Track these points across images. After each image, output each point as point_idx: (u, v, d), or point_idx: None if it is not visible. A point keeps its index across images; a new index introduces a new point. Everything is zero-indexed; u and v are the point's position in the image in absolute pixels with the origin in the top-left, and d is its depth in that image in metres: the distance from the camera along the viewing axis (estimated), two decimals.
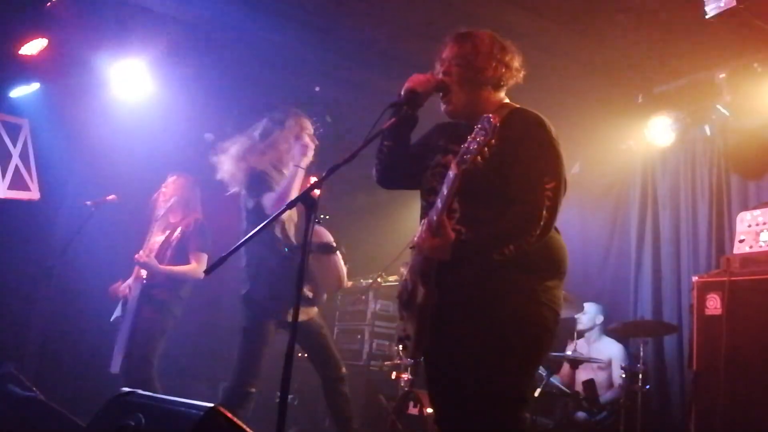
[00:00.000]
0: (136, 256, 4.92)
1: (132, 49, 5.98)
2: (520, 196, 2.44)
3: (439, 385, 2.65)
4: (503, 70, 2.69)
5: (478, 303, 2.46)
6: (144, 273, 4.96)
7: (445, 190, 2.36)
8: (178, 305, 5.08)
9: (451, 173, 2.33)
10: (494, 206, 2.45)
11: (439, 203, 2.38)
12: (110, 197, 5.40)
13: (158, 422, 2.10)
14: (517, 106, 2.70)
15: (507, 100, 2.75)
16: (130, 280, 5.13)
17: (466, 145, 2.29)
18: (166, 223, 5.29)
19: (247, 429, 1.95)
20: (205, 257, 5.04)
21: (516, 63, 2.74)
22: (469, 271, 2.45)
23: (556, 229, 2.60)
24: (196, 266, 5.00)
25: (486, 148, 2.25)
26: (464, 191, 2.39)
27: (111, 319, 5.17)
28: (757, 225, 4.49)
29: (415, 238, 2.51)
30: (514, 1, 5.04)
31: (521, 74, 2.76)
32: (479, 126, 2.27)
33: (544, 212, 2.42)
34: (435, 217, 2.37)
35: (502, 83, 2.71)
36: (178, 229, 5.16)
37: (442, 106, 2.72)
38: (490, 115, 2.28)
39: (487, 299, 2.44)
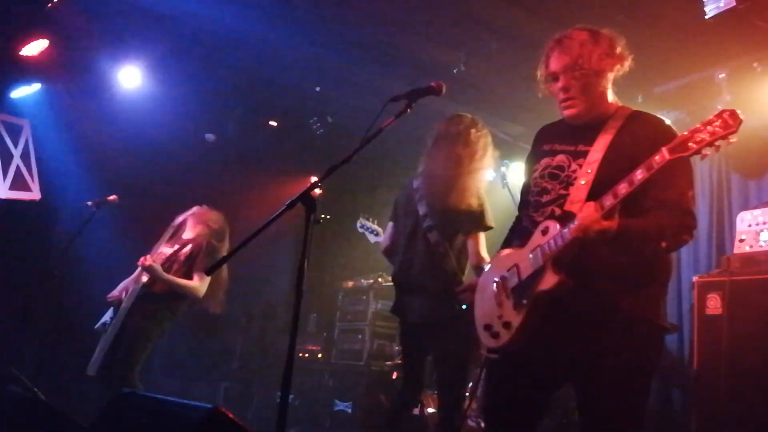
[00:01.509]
0: (142, 259, 4.83)
1: (132, 50, 5.99)
2: (669, 202, 2.35)
3: (521, 387, 2.48)
4: (619, 65, 2.59)
5: (605, 312, 2.35)
6: (144, 278, 4.85)
7: (640, 175, 2.18)
8: (168, 320, 4.94)
9: (659, 158, 2.16)
10: (630, 213, 2.30)
11: (624, 186, 2.21)
12: (111, 198, 5.39)
13: (159, 423, 2.10)
14: (635, 110, 2.60)
15: (616, 99, 2.64)
16: (126, 282, 5.03)
17: (687, 133, 2.15)
18: (178, 237, 5.19)
19: (249, 429, 1.95)
20: (208, 280, 4.92)
21: (626, 53, 2.63)
22: (607, 267, 2.35)
23: None
24: (198, 285, 4.89)
25: (718, 143, 2.12)
26: (603, 187, 2.28)
27: (95, 326, 5.03)
28: (758, 225, 4.49)
29: (552, 223, 2.39)
30: (514, 2, 5.05)
31: (630, 61, 2.64)
32: (717, 119, 2.13)
33: (695, 222, 2.39)
34: (611, 200, 2.23)
35: (613, 80, 2.61)
36: (188, 246, 5.04)
37: (564, 112, 2.59)
38: (736, 109, 2.14)
39: (615, 311, 2.35)
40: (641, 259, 2.37)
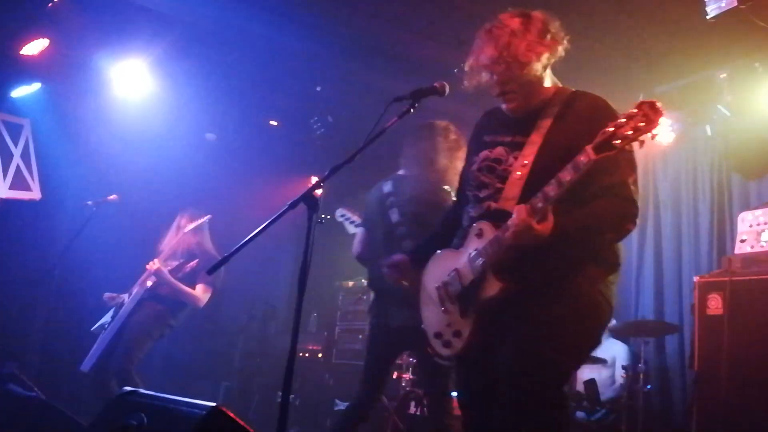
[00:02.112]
0: (150, 263, 4.96)
1: (133, 50, 5.98)
2: (611, 189, 2.31)
3: (481, 384, 2.47)
4: (549, 53, 2.51)
5: (547, 293, 2.32)
6: (149, 282, 4.98)
7: (568, 176, 2.15)
8: (168, 325, 5.08)
9: (584, 159, 2.12)
10: (573, 201, 2.26)
11: (553, 188, 2.18)
12: (111, 197, 5.40)
13: (160, 421, 2.09)
14: (572, 89, 2.56)
15: (555, 80, 2.60)
16: (133, 289, 5.14)
17: (611, 128, 2.08)
18: (184, 249, 5.28)
19: (250, 428, 1.95)
20: (210, 291, 5.15)
21: (559, 37, 2.55)
22: (555, 263, 2.30)
23: None
24: (201, 295, 5.09)
25: (642, 139, 2.06)
26: (540, 178, 2.24)
27: (92, 329, 5.16)
28: (759, 225, 4.49)
29: (486, 224, 2.37)
30: (517, 2, 5.04)
31: (564, 45, 2.56)
32: (639, 112, 2.05)
33: (636, 209, 2.36)
34: (543, 202, 2.20)
35: (549, 64, 2.54)
36: (195, 261, 5.14)
37: (503, 105, 2.57)
38: (655, 100, 2.06)
39: (557, 287, 2.32)
40: (587, 252, 2.34)
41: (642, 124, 2.04)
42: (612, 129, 2.08)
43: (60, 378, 5.95)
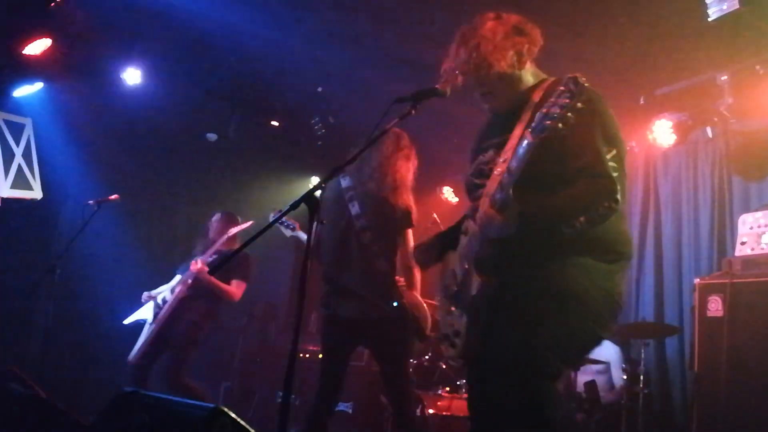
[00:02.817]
0: (193, 263, 5.30)
1: (135, 49, 6.00)
2: (584, 169, 2.25)
3: (483, 384, 2.41)
4: (522, 51, 2.51)
5: (538, 294, 2.29)
6: (190, 281, 5.33)
7: (514, 163, 2.14)
8: (209, 322, 5.49)
9: (525, 142, 2.12)
10: (553, 188, 2.26)
11: (505, 176, 2.18)
12: (113, 197, 5.41)
13: (162, 422, 2.10)
14: (554, 78, 2.54)
15: (542, 75, 2.60)
16: (170, 285, 5.50)
17: (544, 110, 2.07)
18: (216, 249, 5.54)
19: (251, 429, 1.95)
20: (244, 286, 5.52)
21: (532, 36, 2.58)
22: (532, 253, 2.28)
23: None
24: (236, 290, 5.47)
25: (570, 113, 2.04)
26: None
27: (125, 322, 5.47)
28: (759, 227, 4.49)
29: (471, 222, 2.37)
30: (516, 3, 5.04)
31: (539, 42, 2.60)
32: (562, 87, 2.06)
33: (617, 184, 2.25)
34: (499, 193, 2.19)
35: (525, 61, 2.53)
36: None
37: (485, 107, 2.61)
38: (577, 75, 2.08)
39: (545, 291, 2.28)
40: (564, 238, 2.27)
41: (566, 100, 2.04)
42: (545, 110, 2.08)
43: (61, 377, 5.95)
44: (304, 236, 4.33)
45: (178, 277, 5.56)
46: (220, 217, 5.77)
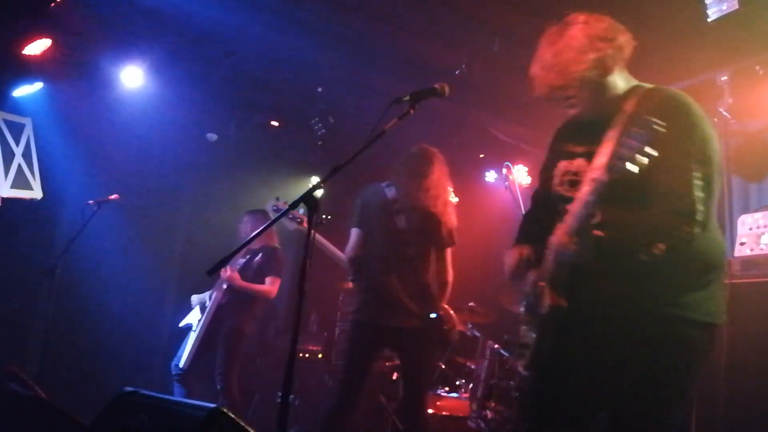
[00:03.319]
0: (222, 271, 5.43)
1: (135, 49, 5.99)
2: (667, 189, 2.16)
3: (559, 401, 2.40)
4: (604, 57, 2.40)
5: (613, 321, 2.25)
6: (224, 285, 5.51)
7: (589, 197, 2.16)
8: (250, 323, 5.64)
9: (597, 178, 2.14)
10: (638, 207, 2.20)
11: (581, 207, 2.20)
12: (113, 197, 5.42)
13: (162, 422, 2.10)
14: (650, 86, 2.45)
15: (634, 81, 2.51)
16: (213, 292, 5.64)
17: (618, 147, 2.07)
18: (247, 248, 5.70)
19: (250, 429, 1.95)
20: (278, 281, 5.69)
21: (619, 41, 2.46)
22: (608, 281, 2.25)
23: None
24: (271, 288, 5.63)
25: (639, 155, 2.02)
26: (607, 188, 2.18)
27: (180, 325, 5.70)
28: (759, 228, 4.48)
29: (551, 242, 2.34)
30: (516, 4, 5.05)
31: (626, 47, 2.48)
32: (636, 129, 2.04)
33: (699, 206, 2.13)
34: (575, 220, 2.20)
35: (609, 68, 2.42)
36: (259, 255, 5.70)
37: (569, 111, 2.50)
38: (652, 119, 2.03)
39: (624, 318, 2.24)
40: (644, 264, 2.18)
41: (637, 143, 2.06)
42: (619, 149, 2.08)
43: (61, 377, 5.96)
44: (318, 238, 4.42)
45: (219, 281, 5.70)
46: (249, 218, 5.88)
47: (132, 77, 6.12)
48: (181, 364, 5.45)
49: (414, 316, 3.97)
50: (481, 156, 7.52)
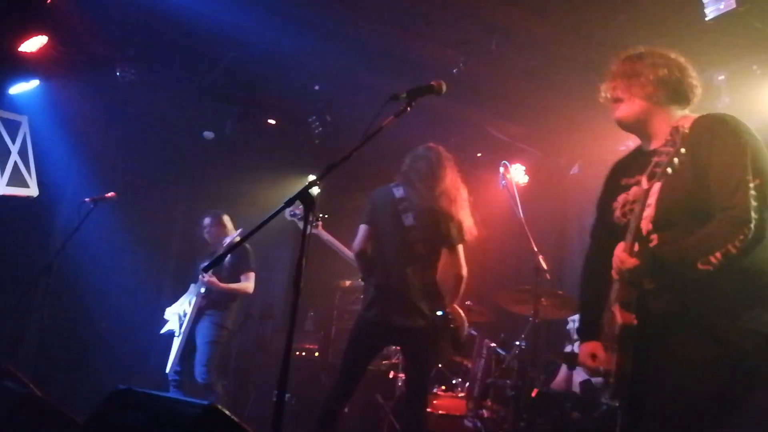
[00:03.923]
0: (200, 276, 5.53)
1: (132, 47, 5.98)
2: (722, 203, 2.19)
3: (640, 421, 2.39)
4: (653, 90, 2.47)
5: (676, 337, 2.27)
6: (203, 290, 5.57)
7: (637, 207, 2.24)
8: (229, 318, 5.70)
9: (641, 188, 2.23)
10: (698, 225, 2.23)
11: (632, 223, 2.27)
12: (109, 194, 5.40)
13: (156, 419, 2.09)
14: (699, 115, 2.46)
15: (687, 113, 2.52)
16: (187, 295, 5.70)
17: (656, 158, 2.19)
18: (215, 249, 5.75)
19: (246, 426, 1.95)
20: (253, 275, 5.76)
21: (689, 78, 2.51)
22: (669, 295, 2.27)
23: None
24: (248, 284, 5.74)
25: (675, 158, 2.11)
26: (663, 212, 2.26)
27: (162, 332, 5.75)
28: None
29: (613, 261, 2.34)
30: (515, 2, 5.05)
31: (696, 91, 2.52)
32: (669, 137, 2.17)
33: (753, 213, 2.15)
34: (630, 238, 2.26)
35: (674, 98, 2.49)
36: (229, 255, 5.49)
37: (615, 113, 2.56)
38: (679, 125, 2.15)
39: (685, 333, 2.26)
40: (703, 279, 2.19)
41: (671, 149, 2.15)
42: (656, 158, 2.19)
43: (56, 375, 5.95)
44: (324, 235, 4.50)
45: (192, 287, 5.74)
46: (211, 221, 5.90)
47: (128, 74, 6.10)
48: (168, 369, 5.54)
49: (422, 315, 3.98)
50: (479, 155, 7.51)
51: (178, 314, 5.71)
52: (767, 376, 2.27)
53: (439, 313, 4.03)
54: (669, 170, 2.14)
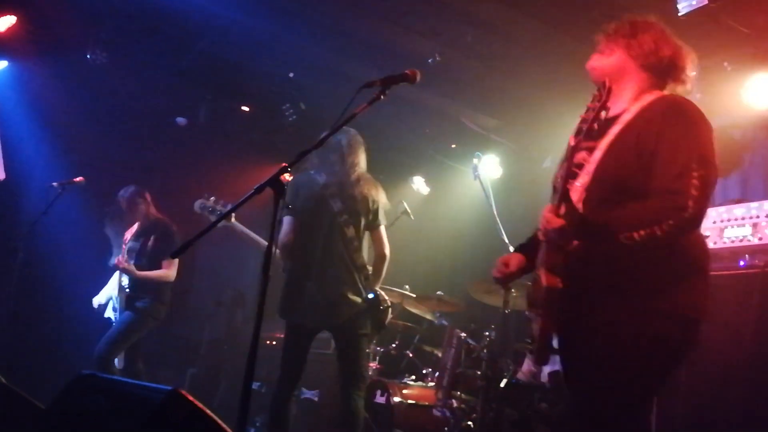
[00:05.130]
0: (116, 261, 5.15)
1: (103, 30, 5.89)
2: (665, 185, 2.18)
3: (572, 382, 2.45)
4: (667, 58, 2.44)
5: (597, 298, 2.27)
6: (125, 280, 5.27)
7: (562, 168, 2.23)
8: (160, 310, 5.39)
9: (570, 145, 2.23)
10: (630, 200, 2.22)
11: (559, 182, 2.27)
12: (77, 179, 5.34)
13: (119, 405, 2.07)
14: (668, 93, 2.45)
15: (664, 92, 2.49)
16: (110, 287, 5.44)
17: (583, 116, 2.18)
18: (137, 230, 5.47)
19: (209, 412, 1.94)
20: (175, 262, 5.40)
21: (685, 62, 2.48)
22: (596, 261, 2.25)
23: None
24: (168, 272, 5.37)
25: (601, 113, 2.11)
26: (598, 183, 2.25)
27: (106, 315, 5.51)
28: (722, 222, 4.55)
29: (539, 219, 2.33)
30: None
31: (689, 77, 2.48)
32: (596, 94, 2.16)
33: (690, 202, 2.13)
34: (557, 198, 2.23)
35: (662, 76, 2.46)
36: (152, 238, 5.40)
37: (591, 61, 2.54)
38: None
39: (605, 301, 2.26)
40: (623, 252, 2.19)
41: (596, 103, 2.17)
42: (580, 118, 2.19)
43: (22, 360, 5.87)
44: (238, 227, 4.37)
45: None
46: (141, 195, 5.57)
47: (99, 58, 6.01)
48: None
49: (352, 305, 4.06)
50: (453, 146, 7.53)
51: (111, 302, 5.47)
52: (687, 356, 2.36)
53: (370, 295, 4.14)
54: (595, 126, 2.15)
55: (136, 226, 5.45)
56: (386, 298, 4.28)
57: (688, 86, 2.50)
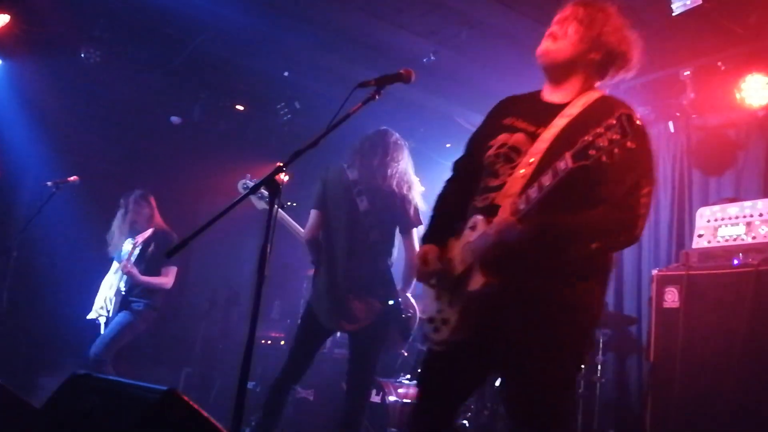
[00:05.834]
0: (122, 266, 5.25)
1: (98, 29, 5.87)
2: (615, 199, 2.23)
3: (456, 379, 2.46)
4: (619, 48, 2.45)
5: (535, 301, 2.30)
6: (123, 283, 5.32)
7: (548, 180, 2.14)
8: (151, 315, 5.44)
9: (562, 165, 2.10)
10: (579, 205, 2.23)
11: (534, 190, 2.18)
12: (72, 178, 5.32)
13: (114, 405, 2.07)
14: (605, 92, 2.48)
15: (605, 80, 2.53)
16: (109, 276, 5.45)
17: (590, 137, 2.04)
18: (137, 237, 5.49)
19: (204, 412, 1.94)
20: (174, 270, 5.52)
21: (633, 53, 2.49)
22: (540, 265, 2.27)
23: None
24: (167, 279, 5.49)
25: (617, 150, 2.01)
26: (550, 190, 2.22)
27: (88, 317, 5.47)
28: (716, 221, 4.57)
29: (481, 219, 2.32)
30: None
31: (632, 66, 2.50)
32: (615, 122, 2.02)
33: (640, 221, 2.24)
34: (525, 204, 2.20)
35: (608, 66, 2.48)
36: (152, 245, 5.46)
37: (543, 45, 2.53)
38: (631, 113, 2.04)
39: (546, 299, 2.29)
40: (574, 258, 2.28)
41: (617, 136, 2.02)
42: (590, 138, 2.05)
43: (15, 360, 5.85)
44: (281, 214, 4.30)
45: (115, 265, 5.46)
46: (135, 201, 5.60)
47: (94, 57, 5.99)
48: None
49: (368, 313, 3.93)
50: (448, 145, 7.53)
51: (104, 303, 5.46)
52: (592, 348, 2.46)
53: (390, 302, 3.97)
54: (604, 158, 2.04)
55: (149, 233, 5.49)
56: (413, 303, 4.11)
57: (630, 74, 2.53)
